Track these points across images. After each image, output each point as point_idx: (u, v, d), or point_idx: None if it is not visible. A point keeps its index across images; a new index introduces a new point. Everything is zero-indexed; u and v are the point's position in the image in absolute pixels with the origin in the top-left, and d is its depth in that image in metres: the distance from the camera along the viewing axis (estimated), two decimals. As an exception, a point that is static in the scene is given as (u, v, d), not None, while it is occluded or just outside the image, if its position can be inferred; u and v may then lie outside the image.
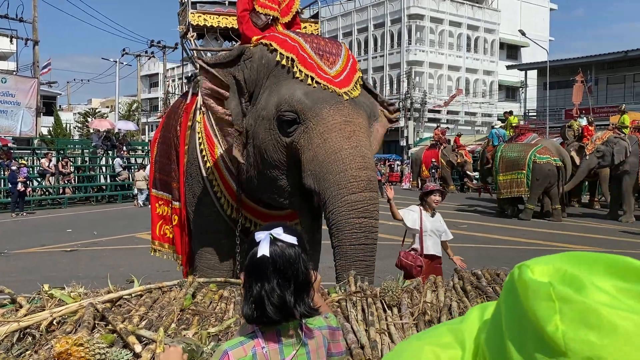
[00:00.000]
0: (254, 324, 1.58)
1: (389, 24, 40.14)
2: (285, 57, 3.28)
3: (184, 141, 4.16)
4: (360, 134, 3.20)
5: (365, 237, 3.10)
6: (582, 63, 30.46)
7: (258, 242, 1.57)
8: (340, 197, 3.08)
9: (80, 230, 13.12)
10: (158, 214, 4.81)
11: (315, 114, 3.14)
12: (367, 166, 3.16)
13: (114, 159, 21.86)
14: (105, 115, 44.19)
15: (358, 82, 3.42)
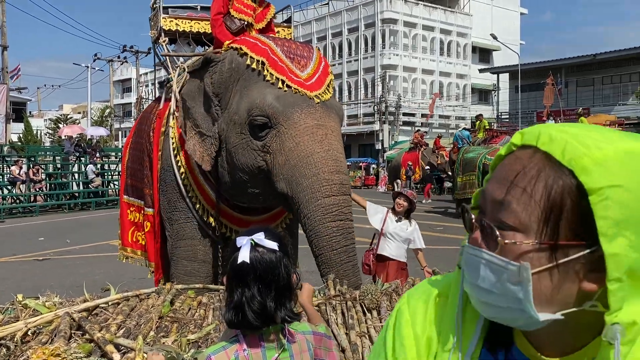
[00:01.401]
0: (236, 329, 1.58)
1: (363, 28, 40.35)
2: (256, 60, 3.26)
3: (158, 147, 4.12)
4: (332, 137, 3.19)
5: (344, 239, 3.11)
6: (552, 66, 31.08)
7: (239, 247, 1.56)
8: (314, 201, 3.08)
9: (53, 238, 12.88)
10: (130, 221, 4.75)
11: (286, 118, 3.14)
12: (340, 169, 3.16)
13: (87, 165, 21.52)
14: (77, 121, 43.48)
15: (330, 85, 3.42)
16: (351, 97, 41.25)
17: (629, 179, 0.66)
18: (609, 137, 0.71)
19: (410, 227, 5.35)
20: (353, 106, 40.62)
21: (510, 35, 43.14)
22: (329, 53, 42.33)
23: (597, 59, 30.95)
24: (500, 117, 36.69)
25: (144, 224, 4.45)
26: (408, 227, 5.34)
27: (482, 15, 44.28)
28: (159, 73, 21.18)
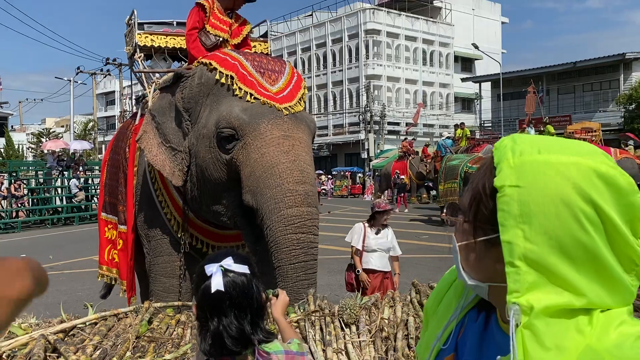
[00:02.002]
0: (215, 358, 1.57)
1: (347, 39, 40.58)
2: (225, 75, 3.26)
3: (133, 162, 4.10)
4: (299, 148, 3.14)
5: (304, 253, 3.02)
6: (533, 74, 31.47)
7: (209, 275, 1.55)
8: (277, 212, 3.01)
9: (35, 254, 12.71)
10: (107, 238, 4.73)
11: (252, 129, 3.11)
12: (305, 180, 3.09)
13: (70, 179, 21.32)
14: (60, 135, 43.13)
15: (302, 99, 3.41)
16: (336, 107, 41.40)
17: (531, 182, 0.78)
18: (547, 148, 0.81)
19: (389, 235, 5.43)
20: (338, 116, 40.78)
21: (491, 45, 43.66)
22: (313, 64, 42.51)
23: (577, 66, 31.39)
24: (483, 125, 37.01)
25: (117, 241, 4.42)
26: (387, 235, 5.42)
27: (464, 25, 44.76)
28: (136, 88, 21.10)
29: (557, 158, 0.79)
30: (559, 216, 0.76)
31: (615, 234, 0.76)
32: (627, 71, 30.48)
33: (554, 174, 0.77)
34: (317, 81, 42.50)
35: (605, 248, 0.76)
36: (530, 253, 0.77)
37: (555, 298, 0.76)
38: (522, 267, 0.77)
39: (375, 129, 37.09)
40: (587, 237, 0.75)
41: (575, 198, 0.76)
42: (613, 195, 0.76)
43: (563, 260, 0.76)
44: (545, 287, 0.76)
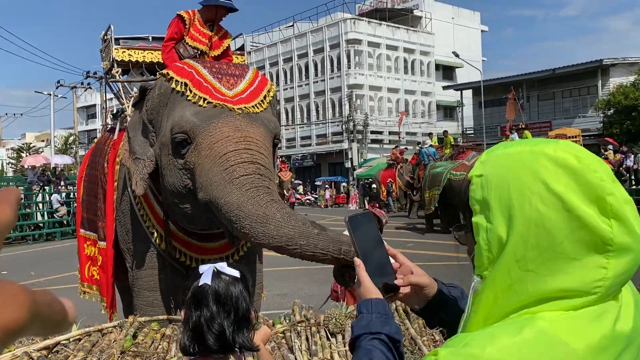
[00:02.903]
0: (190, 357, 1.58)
1: (328, 49, 40.80)
2: (180, 83, 3.26)
3: (113, 177, 4.06)
4: (251, 139, 3.01)
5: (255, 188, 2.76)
6: (513, 81, 31.87)
7: (201, 273, 1.59)
8: (222, 185, 2.83)
9: (16, 271, 12.53)
10: (86, 255, 4.67)
11: (202, 130, 3.04)
12: (256, 161, 2.91)
13: (52, 194, 21.07)
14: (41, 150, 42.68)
15: (265, 101, 3.32)
16: (319, 117, 41.52)
17: (492, 170, 0.88)
18: (512, 144, 0.91)
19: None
20: (321, 125, 40.89)
21: (472, 53, 44.19)
22: (295, 74, 42.65)
23: (556, 73, 31.87)
24: (466, 132, 37.36)
25: (97, 257, 4.38)
26: None
27: (444, 34, 45.25)
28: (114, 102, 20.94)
29: (516, 149, 0.88)
30: (514, 196, 0.84)
31: (572, 212, 0.80)
32: (605, 77, 31.02)
33: (511, 162, 0.87)
34: (300, 91, 42.63)
35: (560, 225, 0.80)
36: (490, 232, 0.86)
37: (503, 277, 0.84)
38: (483, 245, 0.87)
39: (358, 138, 37.25)
40: (538, 215, 0.81)
41: (528, 179, 0.83)
42: (568, 176, 0.81)
43: (521, 241, 0.83)
44: (499, 266, 0.85)
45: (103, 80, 33.56)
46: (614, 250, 0.79)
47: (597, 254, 0.80)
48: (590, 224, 0.79)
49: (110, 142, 4.37)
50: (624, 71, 29.89)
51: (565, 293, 0.81)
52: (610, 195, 0.79)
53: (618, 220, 0.79)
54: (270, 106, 3.40)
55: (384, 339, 1.04)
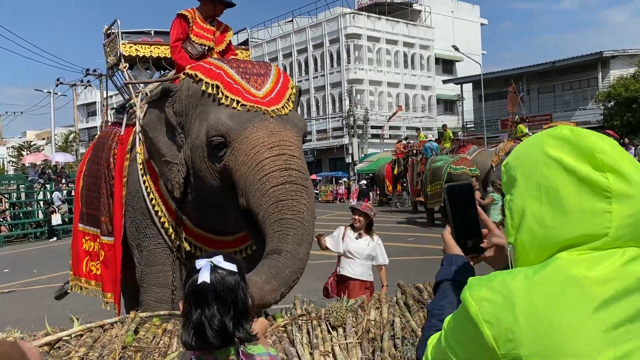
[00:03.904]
0: (192, 352, 1.59)
1: (328, 44, 40.73)
2: (211, 85, 3.27)
3: (121, 173, 4.05)
4: (285, 144, 3.12)
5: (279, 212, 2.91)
6: (513, 75, 31.83)
7: (199, 269, 1.59)
8: (260, 195, 2.97)
9: (19, 269, 12.58)
10: (85, 250, 4.63)
11: (239, 134, 3.11)
12: (290, 167, 3.05)
13: (53, 192, 21.09)
14: (42, 147, 42.70)
15: (290, 100, 3.39)
16: (319, 112, 41.50)
17: (512, 157, 1.10)
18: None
19: (372, 243, 5.10)
20: (322, 121, 40.87)
21: (472, 46, 44.09)
22: (294, 70, 42.59)
23: (556, 66, 31.82)
24: (466, 126, 37.33)
25: (99, 253, 4.36)
26: (369, 242, 5.10)
27: (444, 28, 45.14)
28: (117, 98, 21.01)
29: (529, 138, 1.10)
30: (526, 169, 1.04)
31: (570, 171, 0.98)
32: (605, 69, 30.97)
33: (524, 146, 1.09)
34: (300, 87, 42.55)
35: (564, 183, 0.98)
36: (512, 202, 1.05)
37: (529, 237, 1.01)
38: (508, 214, 1.05)
39: (358, 133, 37.22)
40: (545, 178, 1.00)
41: (535, 153, 1.04)
42: (564, 144, 1.00)
43: (534, 202, 1.01)
44: (522, 229, 1.02)
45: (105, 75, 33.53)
46: (613, 197, 0.95)
47: (600, 202, 0.95)
48: (586, 178, 0.96)
49: (117, 137, 4.34)
50: (624, 63, 29.84)
51: (580, 239, 0.97)
52: (600, 153, 0.96)
53: (613, 172, 0.95)
54: (294, 104, 3.47)
55: (458, 285, 1.23)
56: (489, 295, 0.99)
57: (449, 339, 1.06)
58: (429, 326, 1.24)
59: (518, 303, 0.95)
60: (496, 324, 0.96)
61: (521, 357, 0.93)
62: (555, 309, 0.93)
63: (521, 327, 0.93)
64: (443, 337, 1.09)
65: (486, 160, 16.56)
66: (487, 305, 0.98)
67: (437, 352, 1.11)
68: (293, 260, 2.76)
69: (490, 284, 1.00)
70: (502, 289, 0.98)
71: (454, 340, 1.05)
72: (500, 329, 0.95)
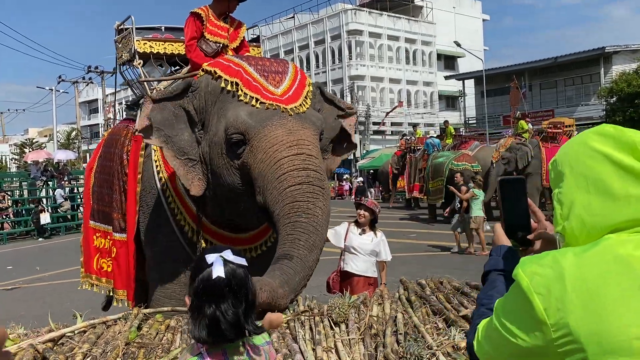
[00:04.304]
0: (200, 345, 1.60)
1: (329, 40, 40.67)
2: (230, 82, 3.29)
3: (136, 170, 4.04)
4: (303, 142, 3.16)
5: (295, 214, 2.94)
6: (515, 70, 31.75)
7: (210, 263, 1.60)
8: (277, 194, 3.01)
9: (22, 266, 12.61)
10: (95, 247, 4.63)
11: (258, 132, 3.14)
12: (308, 167, 3.08)
13: (55, 189, 21.12)
14: (44, 145, 42.73)
15: (308, 97, 3.41)
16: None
17: (559, 155, 1.19)
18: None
19: (375, 239, 5.11)
20: (323, 118, 40.81)
21: (473, 42, 43.98)
22: (296, 66, 42.48)
23: (558, 61, 31.73)
24: (468, 122, 37.27)
25: (110, 250, 4.36)
26: (373, 238, 5.10)
27: (446, 23, 45.04)
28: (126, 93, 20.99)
29: (576, 135, 1.20)
30: (572, 163, 1.14)
31: (614, 161, 1.07)
32: (607, 64, 30.88)
33: (569, 144, 1.19)
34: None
35: (608, 172, 1.07)
36: (563, 196, 1.14)
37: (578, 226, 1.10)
38: (556, 205, 1.15)
39: (360, 129, 37.18)
40: (590, 170, 1.09)
41: (580, 149, 1.14)
42: (607, 139, 1.10)
43: (582, 192, 1.10)
44: (571, 218, 1.11)
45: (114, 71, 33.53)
46: None
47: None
48: (631, 167, 1.05)
49: (128, 133, 4.33)
50: (627, 58, 29.74)
51: (627, 224, 1.05)
52: None
53: None
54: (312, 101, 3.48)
55: (507, 275, 1.29)
56: (540, 270, 1.06)
57: (500, 317, 1.12)
58: (478, 314, 1.30)
59: (568, 276, 1.03)
60: (547, 295, 1.03)
61: (569, 325, 1.00)
62: (603, 283, 1.00)
63: (570, 298, 1.01)
64: (494, 316, 1.15)
65: (488, 157, 16.54)
66: (538, 278, 1.05)
67: (488, 332, 1.18)
68: (303, 268, 2.80)
69: (542, 260, 1.08)
70: (553, 264, 1.06)
71: (505, 317, 1.12)
72: (550, 299, 1.02)
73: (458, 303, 2.98)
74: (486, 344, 1.18)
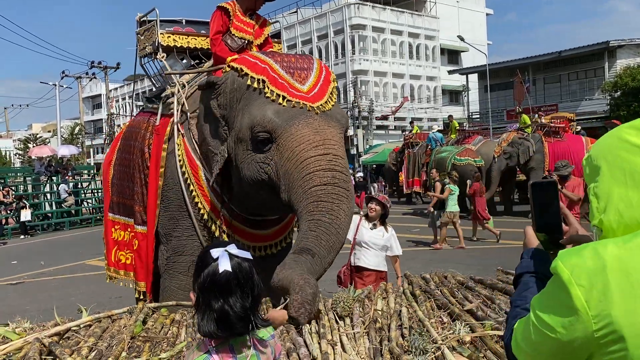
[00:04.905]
0: (208, 341, 1.60)
1: (332, 35, 40.56)
2: (257, 79, 3.31)
3: (158, 164, 4.05)
4: (329, 142, 3.21)
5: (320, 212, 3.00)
6: (519, 65, 31.58)
7: (216, 258, 1.60)
8: (302, 193, 3.07)
9: (27, 261, 12.66)
10: (113, 239, 4.63)
11: (284, 131, 3.19)
12: (334, 168, 3.13)
13: (59, 184, 21.17)
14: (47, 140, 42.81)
15: (333, 94, 3.46)
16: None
17: (594, 150, 1.19)
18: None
19: (386, 234, 5.14)
20: (326, 112, 40.70)
21: (477, 36, 43.78)
22: (299, 61, 42.37)
23: (562, 55, 31.56)
24: (471, 117, 37.15)
25: (132, 242, 4.35)
26: (384, 233, 5.14)
27: (449, 18, 44.84)
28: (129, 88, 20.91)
29: (611, 130, 1.19)
30: (608, 157, 1.14)
31: None
32: (612, 59, 30.70)
33: (603, 139, 1.19)
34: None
35: None
36: (599, 189, 1.13)
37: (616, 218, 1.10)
38: (593, 199, 1.14)
39: (363, 124, 37.13)
40: (627, 162, 1.10)
41: (615, 142, 1.14)
42: None
43: (620, 186, 1.10)
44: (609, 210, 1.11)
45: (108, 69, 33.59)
46: None
47: None
48: None
49: (152, 126, 4.34)
50: (631, 53, 29.57)
51: None
52: None
53: None
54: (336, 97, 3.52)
55: (539, 277, 1.31)
56: (580, 262, 1.06)
57: (538, 313, 1.11)
58: (513, 315, 1.29)
59: (610, 267, 1.02)
60: (588, 287, 1.02)
61: (612, 316, 0.99)
62: None
63: (613, 289, 1.00)
64: (531, 314, 1.14)
65: (490, 151, 16.52)
66: (579, 270, 1.05)
67: (526, 331, 1.16)
68: (321, 267, 2.91)
69: (582, 252, 1.08)
70: (594, 256, 1.05)
71: (543, 312, 1.11)
72: (592, 291, 1.02)
73: (462, 297, 2.98)
74: (524, 344, 1.17)
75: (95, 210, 22.37)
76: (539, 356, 1.14)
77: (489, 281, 3.24)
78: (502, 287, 3.11)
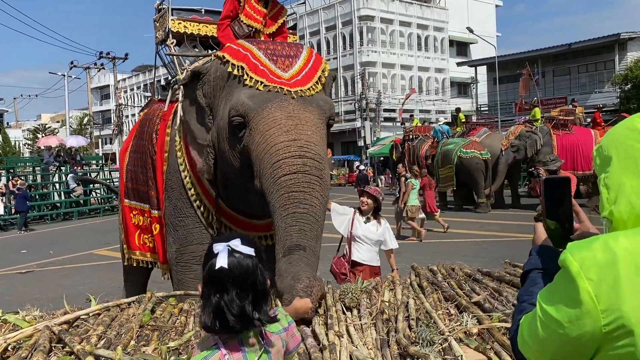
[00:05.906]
0: (215, 335, 1.60)
1: (340, 26, 40.41)
2: (237, 67, 3.26)
3: (163, 148, 4.05)
4: (303, 127, 3.08)
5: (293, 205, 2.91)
6: (528, 57, 31.39)
7: (216, 253, 1.59)
8: (272, 182, 2.97)
9: (36, 250, 12.76)
10: (134, 224, 4.61)
11: (257, 114, 3.10)
12: (304, 155, 3.00)
13: (68, 174, 21.29)
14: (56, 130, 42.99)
15: (319, 81, 3.35)
16: (332, 95, 41.19)
17: (605, 140, 1.19)
18: None
19: (380, 228, 5.04)
20: (334, 104, 40.64)
21: (486, 28, 43.48)
22: (307, 52, 42.26)
23: (572, 48, 31.32)
24: (480, 109, 36.99)
25: (151, 226, 4.33)
26: (377, 227, 5.03)
27: (458, 9, 44.55)
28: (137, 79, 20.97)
29: (621, 122, 1.19)
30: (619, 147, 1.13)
31: None
32: (622, 51, 30.44)
33: (614, 129, 1.19)
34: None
35: None
36: (610, 180, 1.13)
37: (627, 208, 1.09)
38: (603, 190, 1.14)
39: (371, 116, 37.04)
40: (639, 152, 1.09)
41: (626, 133, 1.14)
42: None
43: (631, 176, 1.09)
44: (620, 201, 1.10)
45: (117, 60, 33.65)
46: None
47: None
48: None
49: (160, 113, 4.34)
50: (642, 45, 29.30)
51: None
52: None
53: None
54: (324, 86, 3.42)
55: (547, 273, 1.28)
56: (590, 255, 1.03)
57: (545, 307, 1.09)
58: (519, 310, 1.28)
59: (620, 260, 1.00)
60: (597, 281, 1.00)
61: (621, 310, 0.97)
62: None
63: (624, 284, 0.98)
64: (538, 309, 1.12)
65: (495, 143, 16.43)
66: (589, 264, 1.02)
67: (532, 327, 1.14)
68: (315, 257, 2.86)
69: (592, 245, 1.05)
70: (604, 249, 1.02)
71: (550, 307, 1.08)
72: (601, 285, 1.00)
73: (470, 289, 2.97)
74: (531, 340, 1.15)
75: (104, 201, 22.50)
76: (546, 352, 1.12)
77: (496, 273, 3.23)
78: (510, 279, 3.10)
